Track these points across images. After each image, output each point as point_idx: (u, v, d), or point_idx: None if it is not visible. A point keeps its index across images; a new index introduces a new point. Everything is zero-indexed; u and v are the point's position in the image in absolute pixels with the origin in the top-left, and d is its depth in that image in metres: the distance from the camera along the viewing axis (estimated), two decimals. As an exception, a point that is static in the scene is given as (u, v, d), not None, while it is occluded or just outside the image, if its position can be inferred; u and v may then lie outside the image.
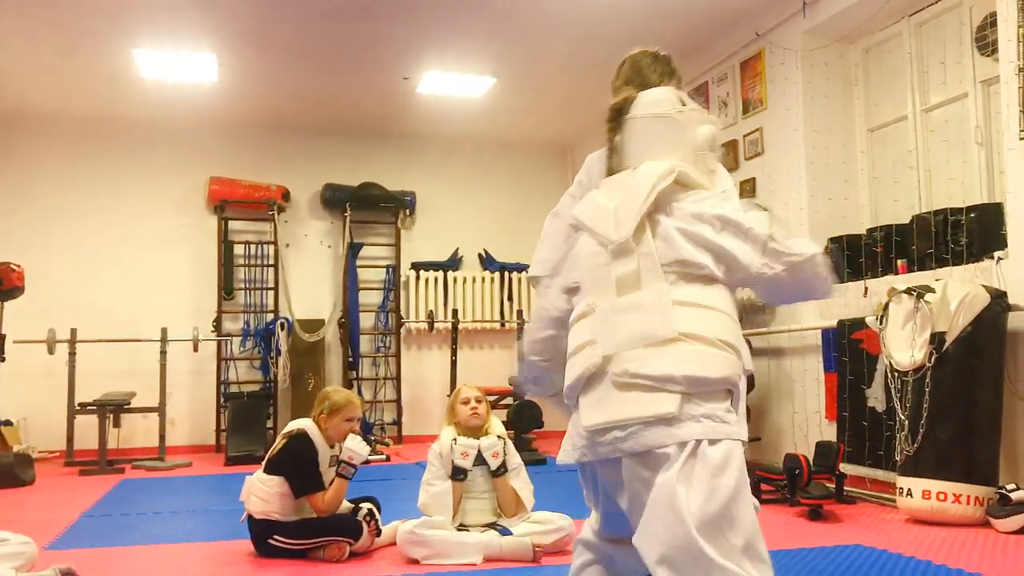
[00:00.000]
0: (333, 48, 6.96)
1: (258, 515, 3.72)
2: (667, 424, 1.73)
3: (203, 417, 8.55)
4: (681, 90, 2.22)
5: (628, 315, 1.84)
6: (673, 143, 2.02)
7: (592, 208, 2.02)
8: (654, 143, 2.04)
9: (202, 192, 8.75)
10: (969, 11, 5.17)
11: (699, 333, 1.80)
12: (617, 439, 1.78)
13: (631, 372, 1.78)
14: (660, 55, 2.33)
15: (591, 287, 1.94)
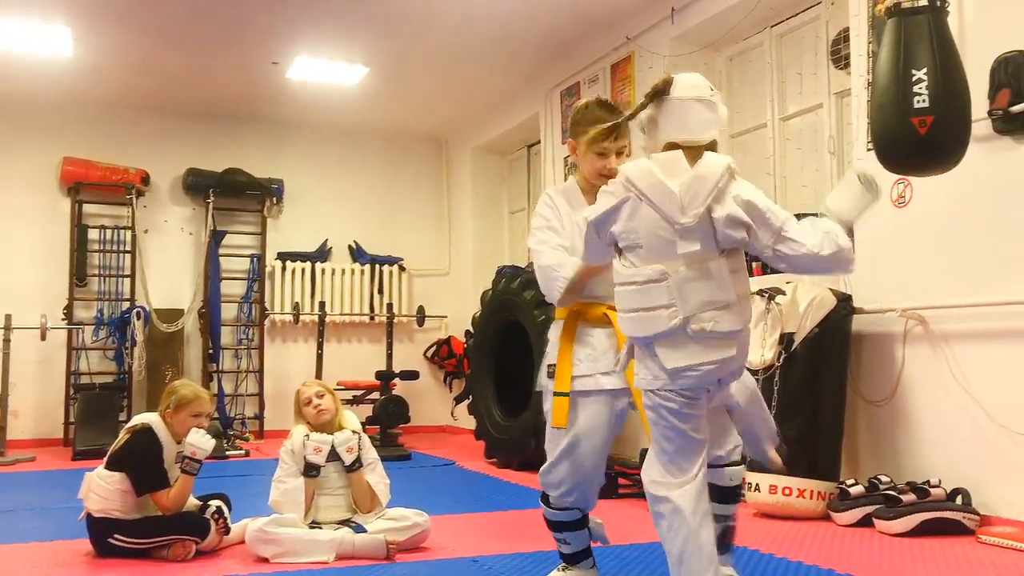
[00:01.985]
0: (198, 27, 6.71)
1: (97, 513, 3.55)
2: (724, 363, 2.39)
3: (50, 409, 8.13)
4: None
5: (697, 284, 2.34)
6: (709, 122, 2.45)
7: (654, 186, 2.37)
8: (692, 121, 2.43)
9: (54, 172, 8.31)
10: (826, 25, 5.39)
11: (742, 293, 2.40)
12: (696, 375, 2.37)
13: (707, 330, 2.34)
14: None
15: (655, 255, 2.37)
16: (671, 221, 2.33)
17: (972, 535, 3.84)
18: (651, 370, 2.41)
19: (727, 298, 2.36)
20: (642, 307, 2.38)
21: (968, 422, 4.04)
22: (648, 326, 2.38)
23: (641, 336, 2.41)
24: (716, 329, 2.35)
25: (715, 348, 2.36)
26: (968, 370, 4.07)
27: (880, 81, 3.24)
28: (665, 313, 2.35)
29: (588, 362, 2.80)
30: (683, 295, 2.34)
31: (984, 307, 4.00)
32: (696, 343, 2.35)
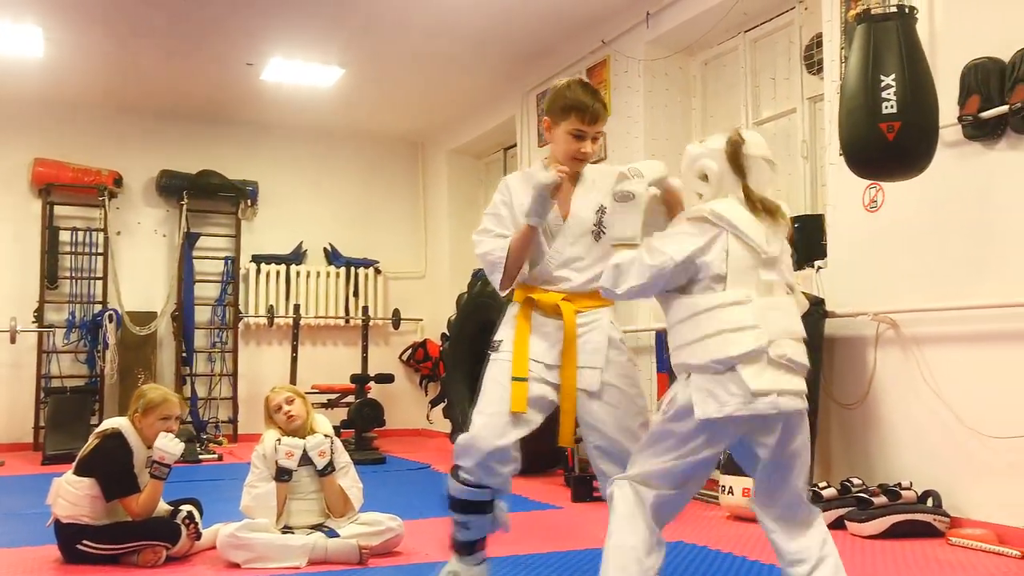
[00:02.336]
0: (172, 27, 6.65)
1: (65, 519, 3.51)
2: (801, 396, 2.38)
3: (20, 413, 8.02)
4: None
5: (777, 312, 2.39)
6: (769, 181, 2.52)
7: (743, 219, 2.41)
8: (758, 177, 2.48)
9: (25, 174, 8.22)
10: (799, 30, 5.43)
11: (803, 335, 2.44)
12: (775, 401, 2.31)
13: (788, 357, 2.34)
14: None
15: (740, 281, 2.38)
16: (760, 251, 2.38)
17: (942, 537, 3.87)
18: (719, 397, 2.32)
19: (801, 331, 2.43)
20: (726, 328, 2.33)
21: (939, 425, 4.07)
22: (731, 347, 2.31)
23: (721, 358, 2.32)
24: (795, 358, 2.36)
25: (795, 376, 2.36)
26: (939, 373, 4.11)
27: (849, 87, 3.27)
28: (752, 334, 2.32)
29: (537, 351, 2.80)
30: (765, 319, 2.35)
31: (954, 311, 4.03)
32: (776, 369, 2.33)
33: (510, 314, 2.91)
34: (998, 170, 3.90)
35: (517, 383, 2.75)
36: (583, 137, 2.80)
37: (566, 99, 2.81)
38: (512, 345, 2.81)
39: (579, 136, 2.80)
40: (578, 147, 2.81)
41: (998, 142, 3.90)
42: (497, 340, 2.87)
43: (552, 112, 2.85)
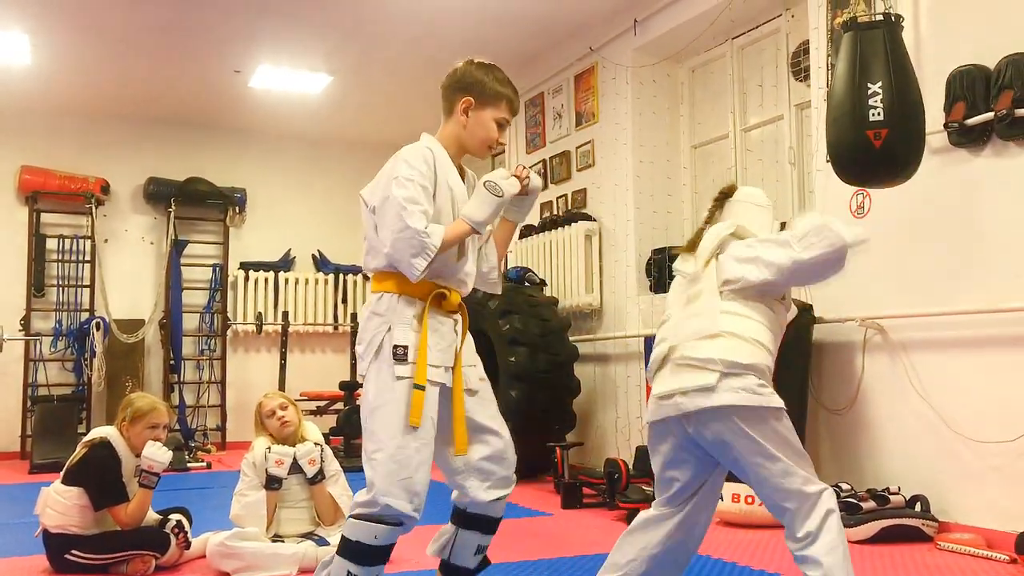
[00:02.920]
0: (159, 35, 6.64)
1: (54, 529, 3.49)
2: (708, 392, 2.38)
3: (6, 422, 7.98)
4: None
5: (690, 320, 2.52)
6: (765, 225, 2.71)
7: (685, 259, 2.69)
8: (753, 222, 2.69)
9: (12, 181, 8.19)
10: (786, 38, 5.46)
11: (736, 332, 2.45)
12: (677, 403, 2.43)
13: (685, 356, 2.45)
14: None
15: (672, 305, 2.64)
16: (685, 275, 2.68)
17: (931, 541, 3.89)
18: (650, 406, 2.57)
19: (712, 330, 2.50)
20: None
21: (927, 430, 4.10)
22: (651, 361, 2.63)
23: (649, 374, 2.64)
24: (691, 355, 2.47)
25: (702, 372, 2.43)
26: (926, 378, 4.13)
27: (836, 94, 3.29)
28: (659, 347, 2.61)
29: (438, 352, 2.56)
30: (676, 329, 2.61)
31: (941, 316, 4.06)
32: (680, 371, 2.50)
33: (405, 314, 2.55)
34: (984, 176, 3.93)
35: (418, 392, 2.47)
36: (504, 127, 2.75)
37: (497, 87, 2.72)
38: (417, 352, 2.51)
39: (503, 126, 2.74)
40: (498, 136, 2.72)
41: (983, 149, 3.93)
42: (401, 346, 2.51)
43: (479, 94, 2.69)
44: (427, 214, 2.50)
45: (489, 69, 2.77)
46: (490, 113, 2.70)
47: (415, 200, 2.49)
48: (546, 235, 6.88)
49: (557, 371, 6.03)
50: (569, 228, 6.58)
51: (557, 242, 6.72)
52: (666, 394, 2.45)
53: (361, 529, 2.47)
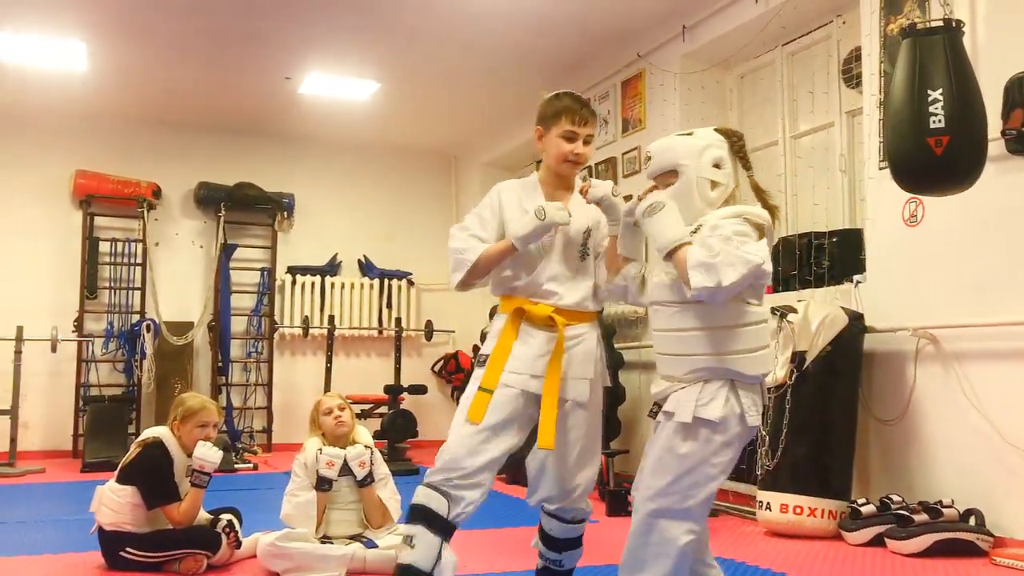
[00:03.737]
0: (211, 43, 6.76)
1: (109, 526, 3.55)
2: None
3: (60, 421, 8.15)
4: None
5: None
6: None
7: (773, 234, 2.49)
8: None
9: (67, 185, 8.36)
10: (837, 44, 5.40)
11: None
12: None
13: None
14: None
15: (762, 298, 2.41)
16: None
17: (986, 556, 3.81)
18: (758, 407, 2.37)
19: None
20: (766, 345, 2.40)
21: (981, 442, 4.02)
22: (768, 363, 2.42)
23: (763, 373, 2.38)
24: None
25: None
26: (980, 390, 4.06)
27: (895, 101, 3.25)
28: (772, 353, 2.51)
29: (522, 361, 2.75)
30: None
31: (996, 327, 3.99)
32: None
33: (496, 327, 2.87)
34: (1042, 185, 3.86)
35: (482, 393, 2.72)
36: (574, 138, 2.82)
37: (555, 105, 2.86)
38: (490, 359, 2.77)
39: (570, 138, 2.81)
40: (571, 148, 2.81)
41: (1042, 156, 3.85)
42: (483, 355, 2.83)
43: (542, 120, 2.88)
44: (476, 236, 2.83)
45: (555, 95, 2.91)
46: (555, 132, 2.84)
47: (464, 227, 2.88)
48: (592, 241, 6.87)
49: (602, 378, 6.00)
50: (615, 235, 6.56)
51: (603, 249, 6.70)
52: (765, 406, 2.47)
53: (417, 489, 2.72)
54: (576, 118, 2.81)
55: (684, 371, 2.36)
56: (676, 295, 2.37)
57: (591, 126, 2.85)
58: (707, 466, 2.31)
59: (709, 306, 2.31)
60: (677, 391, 2.36)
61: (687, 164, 2.44)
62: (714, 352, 2.32)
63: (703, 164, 2.44)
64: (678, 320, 2.37)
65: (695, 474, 2.31)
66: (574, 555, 3.05)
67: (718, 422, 2.29)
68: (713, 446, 2.30)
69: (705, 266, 2.20)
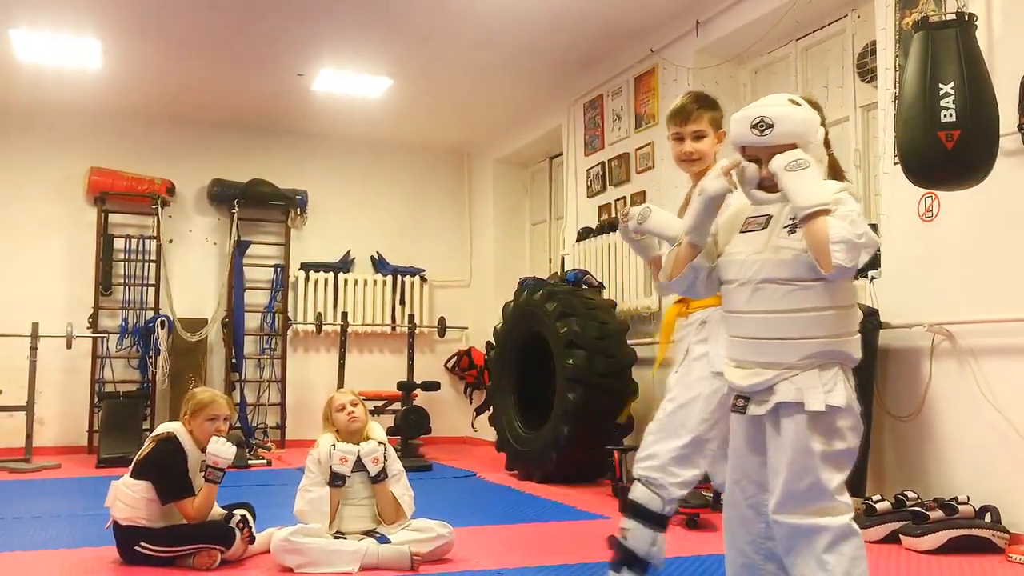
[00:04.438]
0: (224, 40, 6.78)
1: (124, 521, 3.57)
2: None
3: (75, 417, 8.20)
4: None
5: None
6: None
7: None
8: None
9: (81, 182, 8.40)
10: (851, 39, 5.37)
11: None
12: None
13: None
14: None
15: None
16: None
17: (1002, 553, 3.79)
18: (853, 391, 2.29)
19: None
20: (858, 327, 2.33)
21: (997, 438, 4.00)
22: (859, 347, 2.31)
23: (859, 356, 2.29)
24: None
25: None
26: (996, 386, 4.03)
27: (907, 95, 3.23)
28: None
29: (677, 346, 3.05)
30: None
31: (1012, 322, 3.96)
32: None
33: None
34: (1059, 179, 3.83)
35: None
36: (681, 139, 2.92)
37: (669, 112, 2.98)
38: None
39: (677, 138, 2.94)
40: (680, 149, 2.94)
41: (1059, 151, 3.82)
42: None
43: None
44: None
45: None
46: (670, 137, 3.00)
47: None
48: (604, 238, 6.87)
49: (615, 374, 6.01)
50: (628, 231, 6.55)
51: (615, 245, 6.70)
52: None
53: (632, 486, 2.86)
54: (677, 119, 2.94)
55: (799, 356, 2.21)
56: (798, 272, 2.22)
57: (695, 121, 2.92)
58: (842, 455, 2.23)
59: (829, 284, 2.19)
60: (789, 379, 2.22)
61: (812, 140, 2.31)
62: (832, 334, 2.21)
63: (820, 140, 2.34)
64: (796, 300, 2.21)
65: (832, 464, 2.22)
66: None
67: (844, 408, 2.21)
68: (844, 433, 2.23)
69: (849, 244, 2.10)
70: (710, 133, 2.93)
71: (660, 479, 2.79)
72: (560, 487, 5.96)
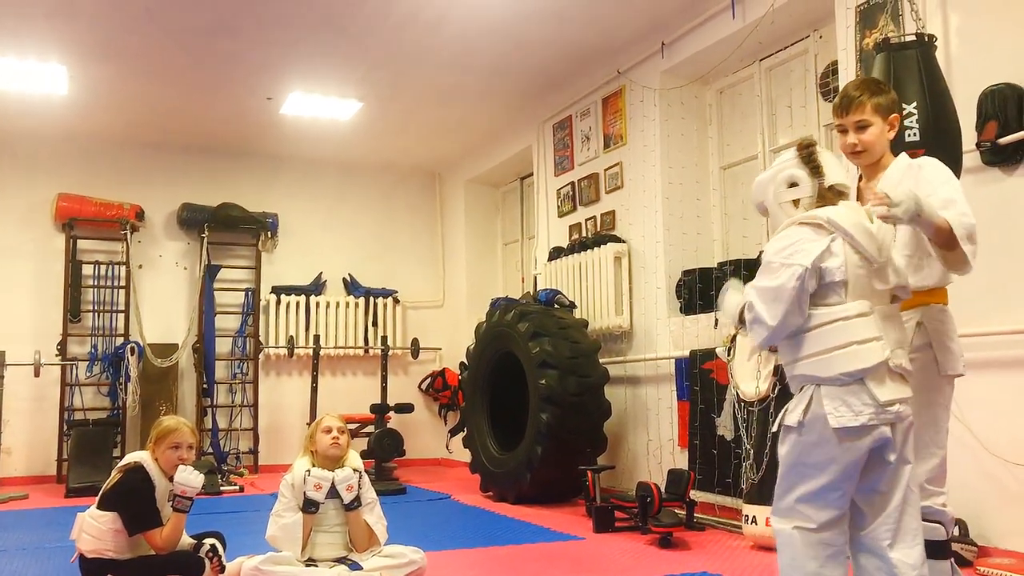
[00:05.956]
0: (192, 64, 6.76)
1: (90, 554, 3.51)
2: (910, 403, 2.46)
3: (44, 446, 8.09)
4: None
5: (891, 322, 2.48)
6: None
7: (856, 226, 2.46)
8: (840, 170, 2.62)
9: (49, 209, 8.33)
10: (814, 59, 5.45)
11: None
12: (898, 411, 2.40)
13: (903, 367, 2.44)
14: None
15: (858, 292, 2.45)
16: (871, 259, 2.46)
17: (970, 566, 3.82)
18: (853, 407, 2.38)
19: (908, 339, 2.58)
20: (854, 340, 2.39)
21: (965, 453, 4.03)
22: (859, 360, 2.38)
23: (851, 371, 2.38)
24: (907, 366, 2.47)
25: (907, 384, 2.46)
26: (963, 400, 4.05)
27: (869, 116, 3.26)
28: (877, 345, 2.39)
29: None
30: (885, 330, 2.44)
31: (977, 337, 4.01)
32: (894, 379, 2.42)
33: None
34: (1017, 195, 3.90)
35: None
36: (844, 131, 2.80)
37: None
38: None
39: (842, 131, 2.81)
40: (843, 141, 2.81)
41: (1016, 168, 3.90)
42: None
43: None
44: None
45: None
46: (836, 128, 2.87)
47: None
48: (575, 257, 6.90)
49: (588, 394, 6.02)
50: (598, 250, 6.59)
51: (586, 264, 6.73)
52: (890, 401, 2.38)
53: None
54: (839, 111, 2.79)
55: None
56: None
57: (858, 111, 2.75)
58: (801, 466, 2.45)
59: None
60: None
61: (765, 199, 2.64)
62: (791, 359, 2.49)
63: (778, 191, 2.59)
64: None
65: (791, 474, 2.47)
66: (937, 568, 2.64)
67: (795, 426, 2.44)
68: (801, 447, 2.44)
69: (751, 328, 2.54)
70: (877, 121, 2.74)
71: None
72: (534, 508, 5.95)
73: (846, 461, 2.39)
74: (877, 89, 2.78)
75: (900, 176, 2.72)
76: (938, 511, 2.66)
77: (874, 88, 2.78)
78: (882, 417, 2.37)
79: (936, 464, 2.67)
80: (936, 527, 2.63)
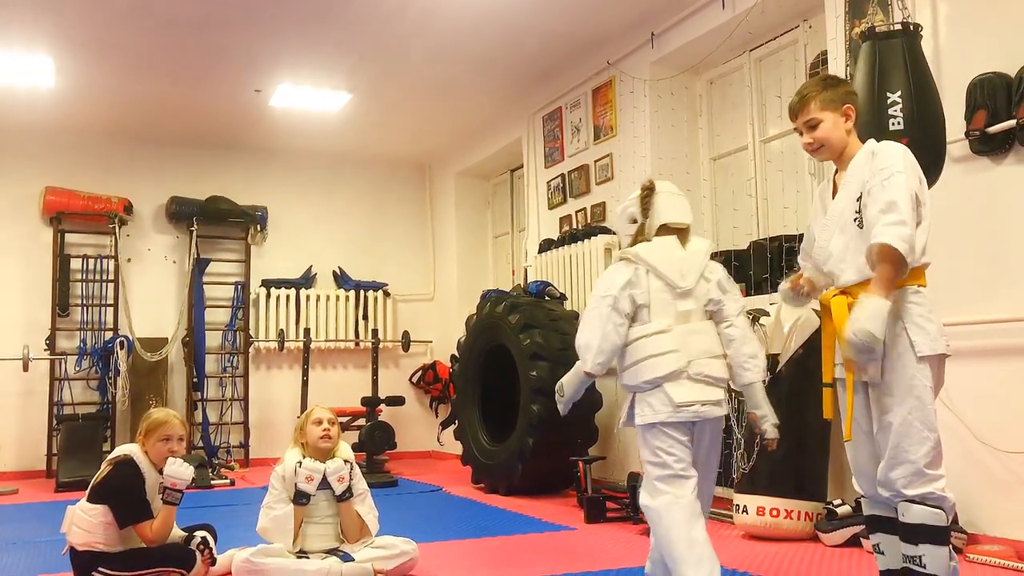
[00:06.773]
0: (180, 57, 6.72)
1: (80, 547, 3.50)
2: (718, 404, 3.00)
3: (33, 441, 8.05)
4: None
5: (696, 336, 3.01)
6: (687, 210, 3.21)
7: (660, 259, 3.05)
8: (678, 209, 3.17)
9: (36, 203, 8.28)
10: (804, 48, 5.45)
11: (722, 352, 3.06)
12: (696, 411, 2.95)
13: (704, 373, 2.97)
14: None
15: (661, 313, 3.02)
16: (673, 285, 3.01)
17: (960, 554, 3.84)
18: (654, 406, 2.95)
19: (718, 349, 3.02)
20: (653, 353, 2.96)
21: (954, 441, 4.04)
22: (657, 369, 2.95)
23: (650, 379, 2.96)
24: (712, 373, 2.97)
25: (715, 388, 2.98)
26: (952, 389, 4.06)
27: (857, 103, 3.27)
28: (673, 356, 2.94)
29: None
30: (684, 343, 2.97)
31: (966, 325, 4.02)
32: (695, 383, 2.95)
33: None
34: (1006, 184, 3.91)
35: (826, 389, 2.91)
36: (800, 132, 2.92)
37: None
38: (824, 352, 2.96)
39: (798, 131, 2.94)
40: (804, 139, 2.91)
41: (1006, 156, 3.91)
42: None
43: None
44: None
45: None
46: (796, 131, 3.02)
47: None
48: (566, 249, 6.89)
49: (579, 385, 6.01)
50: (588, 242, 6.59)
51: (577, 256, 6.73)
52: (687, 403, 2.93)
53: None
54: (791, 116, 2.95)
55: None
56: None
57: (804, 112, 2.86)
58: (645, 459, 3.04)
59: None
60: None
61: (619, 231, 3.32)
62: (619, 371, 3.12)
63: (624, 226, 3.23)
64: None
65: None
66: (936, 554, 2.64)
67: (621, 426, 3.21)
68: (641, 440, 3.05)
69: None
70: (827, 116, 2.82)
71: None
72: (526, 499, 5.96)
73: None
74: (823, 85, 2.89)
75: (861, 167, 2.77)
76: (939, 496, 2.66)
77: (819, 85, 2.89)
78: (679, 415, 2.92)
79: (930, 447, 2.67)
80: (937, 512, 2.64)
